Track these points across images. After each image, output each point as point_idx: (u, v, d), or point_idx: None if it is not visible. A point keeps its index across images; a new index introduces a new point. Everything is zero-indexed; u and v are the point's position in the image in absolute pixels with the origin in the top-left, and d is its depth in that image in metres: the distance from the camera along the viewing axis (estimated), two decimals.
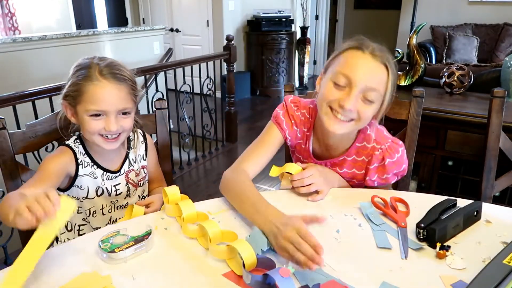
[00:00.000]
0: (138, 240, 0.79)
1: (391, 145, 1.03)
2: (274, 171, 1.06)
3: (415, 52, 2.03)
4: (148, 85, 3.11)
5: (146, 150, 1.18)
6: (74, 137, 1.08)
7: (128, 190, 1.14)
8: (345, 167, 1.09)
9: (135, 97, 1.03)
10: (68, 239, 1.14)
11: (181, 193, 0.95)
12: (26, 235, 1.13)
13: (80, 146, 1.06)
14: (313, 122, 1.08)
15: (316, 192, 1.01)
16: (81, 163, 1.04)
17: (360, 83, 0.91)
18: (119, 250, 0.76)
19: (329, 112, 0.96)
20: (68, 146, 1.05)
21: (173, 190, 0.94)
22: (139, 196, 1.18)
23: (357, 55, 0.94)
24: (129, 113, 1.01)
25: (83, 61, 1.00)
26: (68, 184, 1.06)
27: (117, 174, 1.10)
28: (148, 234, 0.81)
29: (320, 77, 1.03)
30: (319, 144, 1.10)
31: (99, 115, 0.96)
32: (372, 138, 1.04)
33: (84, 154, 1.06)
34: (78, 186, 1.06)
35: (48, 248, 0.74)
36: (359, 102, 0.93)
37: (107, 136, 0.99)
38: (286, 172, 1.05)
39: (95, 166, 1.07)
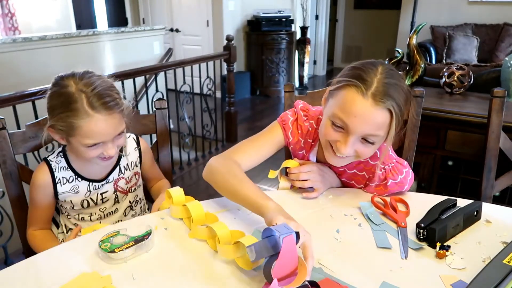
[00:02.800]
0: (138, 240, 0.79)
1: (395, 166, 1.00)
2: (273, 172, 1.05)
3: (415, 52, 2.03)
4: (148, 85, 3.12)
5: (140, 156, 1.16)
6: (58, 150, 1.07)
7: (116, 198, 1.13)
8: (344, 177, 1.07)
9: (124, 114, 0.99)
10: (64, 239, 1.14)
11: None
12: (25, 235, 1.13)
13: (63, 160, 1.04)
14: (317, 138, 1.03)
15: (312, 189, 1.01)
16: (59, 181, 1.03)
17: (356, 131, 0.85)
18: (119, 250, 0.76)
19: (328, 147, 0.93)
20: (47, 162, 1.03)
21: (178, 192, 0.94)
22: (130, 201, 1.17)
23: (356, 100, 0.83)
24: (123, 132, 1.00)
25: (63, 87, 0.90)
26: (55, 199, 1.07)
27: (103, 182, 1.09)
28: (148, 234, 0.81)
29: (325, 96, 0.95)
30: (323, 154, 1.04)
31: (96, 144, 0.94)
32: (377, 155, 0.99)
33: (66, 168, 1.04)
34: (62, 201, 1.07)
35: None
36: (358, 143, 0.88)
37: (105, 157, 0.98)
38: (286, 168, 1.05)
39: (79, 179, 1.06)
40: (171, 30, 5.66)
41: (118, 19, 6.01)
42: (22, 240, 1.15)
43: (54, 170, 1.03)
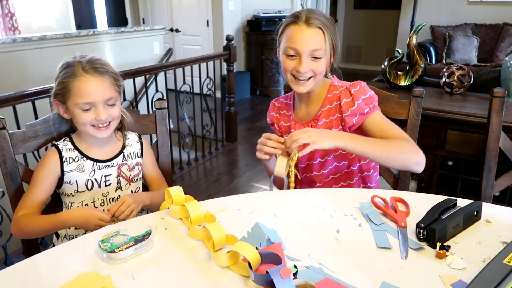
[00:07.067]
0: (138, 240, 0.80)
1: (352, 84, 1.18)
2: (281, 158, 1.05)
3: (415, 52, 2.03)
4: (148, 85, 3.12)
5: (141, 149, 1.22)
6: (65, 137, 1.16)
7: (119, 183, 1.17)
8: (323, 117, 1.19)
9: (119, 87, 1.11)
10: (66, 234, 1.15)
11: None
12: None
13: (69, 143, 1.13)
14: (292, 99, 1.28)
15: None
16: (65, 160, 1.11)
17: (305, 50, 1.09)
18: (119, 250, 0.76)
19: (292, 79, 1.15)
20: (55, 145, 1.12)
21: (177, 191, 0.94)
22: (132, 191, 1.20)
23: (295, 29, 1.10)
24: (115, 102, 1.09)
25: (66, 61, 1.09)
26: (59, 182, 1.11)
27: (108, 164, 1.15)
28: (148, 234, 0.81)
29: (278, 50, 1.20)
30: (300, 107, 1.25)
31: (89, 108, 1.05)
32: (338, 86, 1.19)
33: (72, 150, 1.12)
34: (67, 182, 1.11)
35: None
36: (310, 62, 1.11)
37: (98, 126, 1.07)
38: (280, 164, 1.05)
39: (84, 158, 1.13)
40: (171, 30, 5.66)
41: (118, 19, 6.00)
42: (22, 240, 1.15)
43: (61, 151, 1.11)
